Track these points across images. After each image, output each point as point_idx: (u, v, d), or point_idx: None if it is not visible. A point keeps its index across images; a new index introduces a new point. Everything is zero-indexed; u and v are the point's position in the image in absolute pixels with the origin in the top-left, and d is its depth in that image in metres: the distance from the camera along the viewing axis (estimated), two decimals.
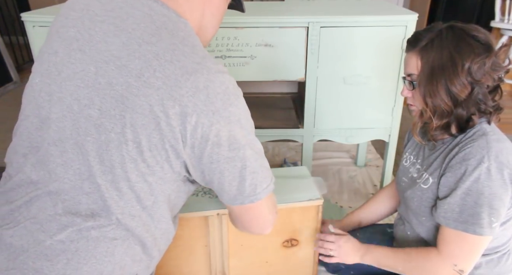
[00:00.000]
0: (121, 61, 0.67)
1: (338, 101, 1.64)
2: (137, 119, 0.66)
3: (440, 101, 0.92)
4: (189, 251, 1.12)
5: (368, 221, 1.31)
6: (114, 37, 0.69)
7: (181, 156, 0.70)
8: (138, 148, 0.67)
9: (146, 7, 0.72)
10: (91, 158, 0.68)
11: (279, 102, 2.10)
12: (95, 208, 0.69)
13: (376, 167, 2.22)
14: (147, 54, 0.67)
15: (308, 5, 1.82)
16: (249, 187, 0.75)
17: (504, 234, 0.98)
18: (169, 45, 0.68)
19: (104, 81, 0.67)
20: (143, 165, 0.68)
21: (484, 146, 0.89)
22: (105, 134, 0.67)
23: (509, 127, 2.59)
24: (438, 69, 0.91)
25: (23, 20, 1.49)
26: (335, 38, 1.54)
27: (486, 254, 0.99)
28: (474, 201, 0.89)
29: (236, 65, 1.57)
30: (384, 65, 1.57)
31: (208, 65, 0.69)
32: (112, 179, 0.68)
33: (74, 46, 0.71)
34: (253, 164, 0.74)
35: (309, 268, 1.24)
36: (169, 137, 0.67)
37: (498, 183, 0.87)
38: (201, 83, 0.67)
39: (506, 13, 3.02)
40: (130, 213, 0.71)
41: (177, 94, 0.66)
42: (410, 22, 1.52)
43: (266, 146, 2.42)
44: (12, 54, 3.67)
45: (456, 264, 0.94)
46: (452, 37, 0.91)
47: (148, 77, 0.66)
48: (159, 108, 0.65)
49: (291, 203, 1.12)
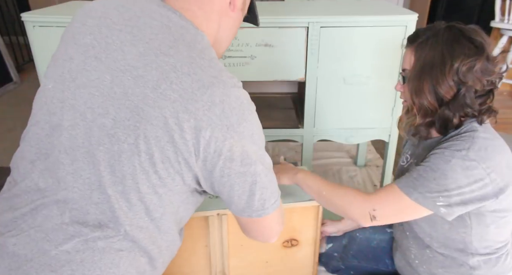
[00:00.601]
0: (137, 71, 0.67)
1: (338, 101, 1.64)
2: (151, 130, 0.65)
3: (424, 99, 0.93)
4: (189, 251, 1.12)
5: None
6: (131, 46, 0.69)
7: (193, 169, 0.70)
8: (150, 159, 0.67)
9: (164, 17, 0.72)
10: (102, 168, 0.67)
11: (279, 102, 2.10)
12: (103, 218, 0.68)
13: (376, 167, 2.22)
14: (164, 65, 0.66)
15: (308, 5, 1.82)
16: (258, 202, 0.75)
17: (499, 233, 0.98)
18: (187, 57, 0.68)
19: (120, 91, 0.67)
20: (155, 176, 0.68)
21: (469, 141, 0.89)
22: (118, 145, 0.66)
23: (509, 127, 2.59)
24: (428, 66, 0.92)
25: (23, 20, 1.49)
26: (335, 38, 1.54)
27: (484, 254, 0.99)
28: (434, 177, 0.89)
29: (236, 65, 1.57)
30: (384, 65, 1.57)
31: (224, 79, 0.69)
32: (123, 190, 0.67)
33: (90, 53, 0.70)
34: (263, 180, 0.74)
35: (309, 268, 1.24)
36: (183, 150, 0.67)
37: (467, 174, 0.87)
38: (217, 97, 0.66)
39: (506, 13, 3.02)
40: (138, 225, 0.70)
41: (193, 107, 0.65)
42: (410, 22, 1.52)
43: (266, 146, 2.42)
44: (12, 54, 3.67)
45: (376, 210, 0.95)
46: (448, 37, 0.92)
47: (165, 89, 0.65)
48: (173, 120, 0.65)
49: (291, 203, 1.12)
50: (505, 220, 0.96)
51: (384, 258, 1.24)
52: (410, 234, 1.09)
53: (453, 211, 0.90)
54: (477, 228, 0.95)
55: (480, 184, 0.87)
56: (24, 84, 3.57)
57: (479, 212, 0.93)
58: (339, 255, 1.29)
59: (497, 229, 0.96)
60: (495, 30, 3.24)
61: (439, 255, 1.03)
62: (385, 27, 1.53)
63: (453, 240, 0.99)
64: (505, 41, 3.08)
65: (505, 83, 3.25)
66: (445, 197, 0.88)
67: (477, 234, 0.96)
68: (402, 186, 0.93)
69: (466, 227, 0.96)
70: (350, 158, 2.33)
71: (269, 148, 2.40)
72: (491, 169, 0.87)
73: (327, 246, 1.31)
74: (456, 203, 0.89)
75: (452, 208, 0.89)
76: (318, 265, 1.27)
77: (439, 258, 1.04)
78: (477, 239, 0.97)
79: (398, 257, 1.18)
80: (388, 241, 1.25)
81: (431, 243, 1.04)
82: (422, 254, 1.07)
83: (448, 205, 0.89)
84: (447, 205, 0.89)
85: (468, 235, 0.97)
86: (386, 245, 1.25)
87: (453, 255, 1.01)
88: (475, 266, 0.99)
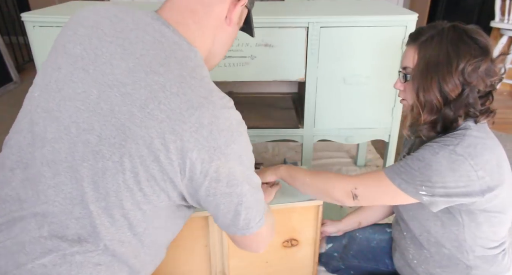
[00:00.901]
0: (125, 88, 0.66)
1: (338, 101, 1.64)
2: (137, 149, 0.65)
3: (433, 96, 0.93)
4: (189, 251, 1.12)
5: (367, 221, 1.32)
6: (121, 60, 0.68)
7: (179, 187, 0.69)
8: (135, 177, 0.66)
9: (157, 32, 0.71)
10: (85, 184, 0.66)
11: (279, 102, 2.10)
12: (83, 233, 0.67)
13: (376, 167, 2.22)
14: (153, 84, 0.66)
15: (308, 5, 1.82)
16: (243, 221, 0.75)
17: (493, 232, 0.98)
18: (177, 76, 0.67)
19: (107, 107, 0.66)
20: (140, 194, 0.67)
21: (459, 137, 0.90)
22: (102, 162, 0.66)
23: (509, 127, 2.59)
24: (433, 65, 0.92)
25: (23, 20, 1.49)
26: (335, 38, 1.54)
27: (480, 253, 0.99)
28: (419, 167, 0.90)
29: (236, 65, 1.57)
30: (384, 65, 1.57)
31: (214, 100, 0.68)
32: (106, 206, 0.67)
33: (78, 64, 0.69)
34: (249, 200, 0.74)
35: (309, 268, 1.24)
36: (168, 170, 0.66)
37: (452, 168, 0.87)
38: (206, 119, 0.66)
39: (506, 13, 3.02)
40: (119, 239, 0.69)
41: (180, 128, 0.64)
42: (410, 22, 1.52)
43: (266, 146, 2.42)
44: (12, 54, 3.67)
45: (357, 188, 0.98)
46: (453, 36, 0.92)
47: (152, 109, 0.64)
48: (160, 141, 0.64)
49: (291, 204, 1.12)
50: (499, 220, 0.96)
51: (384, 258, 1.25)
52: (408, 234, 1.09)
53: (436, 201, 0.91)
54: (469, 226, 0.96)
55: (466, 179, 0.88)
56: (24, 84, 3.57)
57: (469, 210, 0.93)
58: (339, 255, 1.29)
59: (491, 228, 0.97)
60: (495, 30, 3.24)
61: (436, 255, 1.03)
62: (385, 27, 1.53)
63: (447, 238, 0.99)
64: (505, 41, 3.08)
65: (505, 83, 3.25)
66: (428, 187, 0.89)
67: (470, 232, 0.96)
68: (387, 172, 0.96)
69: (458, 225, 0.96)
70: (350, 158, 2.33)
71: (269, 148, 2.41)
72: (479, 167, 0.87)
73: (327, 246, 1.31)
74: (440, 194, 0.89)
75: (435, 198, 0.90)
76: (318, 265, 1.27)
77: (436, 257, 1.04)
78: (471, 237, 0.97)
79: (397, 257, 1.18)
80: (388, 241, 1.25)
81: (427, 242, 1.04)
82: (419, 254, 1.07)
83: (431, 195, 0.90)
84: (430, 195, 0.90)
85: (461, 233, 0.97)
86: (386, 245, 1.25)
87: (449, 254, 1.01)
88: (472, 265, 1.00)
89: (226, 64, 1.57)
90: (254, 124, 1.78)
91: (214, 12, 0.77)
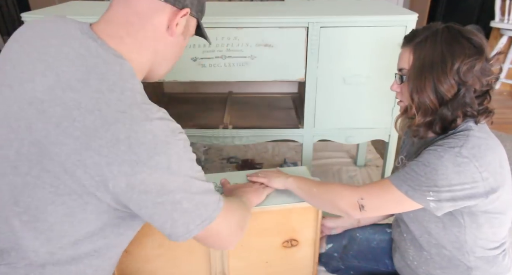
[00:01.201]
0: (42, 106, 0.67)
1: (338, 101, 1.64)
2: (55, 165, 0.66)
3: (426, 97, 0.93)
4: (189, 251, 1.12)
5: (367, 220, 1.32)
6: (43, 77, 0.69)
7: (105, 200, 0.69)
8: (56, 192, 0.67)
9: (82, 47, 0.71)
10: (6, 199, 0.68)
11: (279, 102, 2.10)
12: (5, 247, 0.68)
13: (376, 167, 2.22)
14: (68, 102, 0.66)
15: (308, 5, 1.82)
16: (182, 226, 0.74)
17: (494, 232, 0.97)
18: (94, 92, 0.67)
19: (24, 124, 0.67)
20: (63, 207, 0.68)
21: (463, 139, 0.89)
22: (21, 177, 0.67)
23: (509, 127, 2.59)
24: (428, 66, 0.92)
25: (23, 20, 1.48)
26: (335, 38, 1.53)
27: (480, 254, 0.99)
28: (425, 172, 0.89)
29: (236, 65, 1.57)
30: (384, 65, 1.57)
31: (134, 113, 0.67)
32: (28, 219, 0.68)
33: (6, 82, 0.71)
34: (185, 206, 0.72)
35: (309, 268, 1.24)
36: (87, 184, 0.66)
37: (458, 170, 0.87)
38: (122, 134, 0.65)
39: (506, 13, 3.02)
40: (47, 251, 0.70)
41: (96, 144, 0.65)
42: (410, 22, 1.52)
43: (266, 146, 2.42)
44: None
45: (363, 198, 0.97)
46: (447, 36, 0.92)
47: (67, 127, 0.65)
48: (76, 157, 0.65)
49: (291, 204, 1.12)
50: (500, 221, 0.96)
51: (384, 258, 1.25)
52: (408, 236, 1.09)
53: (442, 206, 0.90)
54: (470, 227, 0.95)
55: (471, 181, 0.87)
56: None
57: (471, 212, 0.93)
58: (339, 255, 1.29)
59: (491, 229, 0.96)
60: (495, 30, 3.24)
61: (436, 256, 1.03)
62: (385, 27, 1.53)
63: (448, 239, 0.99)
64: (505, 41, 3.08)
65: (505, 83, 3.25)
66: (435, 192, 0.89)
67: (471, 234, 0.96)
68: (393, 179, 0.95)
69: (460, 226, 0.96)
70: (350, 158, 2.33)
71: (269, 148, 2.41)
72: (483, 168, 0.87)
73: (327, 246, 1.31)
74: (446, 199, 0.89)
75: (442, 203, 0.90)
76: (318, 265, 1.27)
77: (436, 259, 1.04)
78: (472, 239, 0.97)
79: (397, 258, 1.18)
80: (388, 241, 1.25)
81: (427, 244, 1.04)
82: (420, 256, 1.07)
83: (438, 200, 0.89)
84: (437, 200, 0.90)
85: (462, 234, 0.97)
86: (386, 245, 1.25)
87: (449, 256, 1.01)
88: (472, 266, 1.00)
89: (226, 64, 1.57)
90: (254, 124, 1.78)
91: (152, 24, 0.76)
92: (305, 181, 1.10)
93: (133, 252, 1.08)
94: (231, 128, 1.73)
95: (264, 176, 1.16)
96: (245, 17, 1.52)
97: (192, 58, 1.55)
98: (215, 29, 1.50)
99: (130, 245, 1.06)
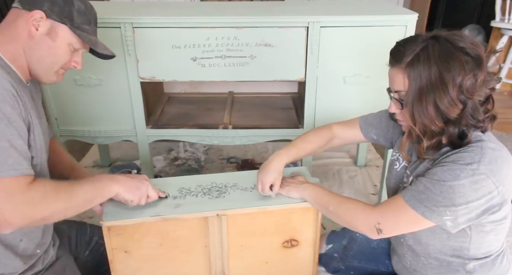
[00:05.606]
0: None
1: (338, 101, 1.64)
2: None
3: (430, 121, 0.88)
4: (189, 252, 1.12)
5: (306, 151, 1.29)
6: None
7: None
8: None
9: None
10: None
11: (279, 102, 2.10)
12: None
13: (376, 167, 2.22)
14: None
15: (308, 5, 1.82)
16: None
17: (496, 238, 0.96)
18: None
19: None
20: None
21: (478, 152, 0.85)
22: None
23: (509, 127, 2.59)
24: (427, 88, 0.86)
25: None
26: (335, 38, 1.53)
27: (480, 258, 0.98)
28: (441, 191, 0.86)
29: (236, 65, 1.57)
30: (384, 65, 1.56)
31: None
32: None
33: None
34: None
35: (309, 268, 1.24)
36: None
37: (475, 188, 0.84)
38: None
39: (507, 13, 3.02)
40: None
41: None
42: (410, 22, 1.52)
43: (266, 146, 2.42)
44: None
45: (380, 223, 0.95)
46: (439, 51, 0.85)
47: None
48: None
49: (291, 204, 1.11)
50: (503, 226, 0.95)
51: (384, 258, 1.24)
52: (404, 241, 1.07)
53: (459, 224, 0.88)
54: (476, 237, 0.94)
55: (488, 197, 0.85)
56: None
57: (479, 223, 0.91)
58: (339, 256, 1.29)
59: (495, 236, 0.95)
60: (496, 30, 3.24)
61: (434, 261, 1.02)
62: (385, 27, 1.53)
63: (450, 246, 0.97)
64: (505, 40, 3.08)
65: (505, 83, 3.25)
66: (452, 211, 0.86)
67: (476, 242, 0.95)
68: (408, 199, 0.90)
69: (465, 237, 0.94)
70: (350, 158, 2.33)
71: (269, 148, 2.40)
72: (500, 182, 0.85)
73: (327, 246, 1.31)
74: (463, 217, 0.87)
75: (458, 221, 0.87)
76: (318, 266, 1.27)
77: (434, 264, 1.02)
78: (476, 247, 0.96)
79: (395, 260, 1.18)
80: (388, 242, 1.25)
81: (425, 251, 1.02)
82: (417, 261, 1.06)
83: (455, 219, 0.87)
84: (454, 219, 0.87)
85: (466, 244, 0.95)
86: (386, 246, 1.25)
87: (448, 261, 1.00)
88: (471, 270, 0.99)
89: (226, 64, 1.57)
90: (254, 124, 1.78)
91: (17, 27, 0.89)
92: (322, 196, 1.08)
93: (133, 252, 1.08)
94: (231, 128, 1.73)
95: (282, 187, 1.14)
96: (245, 17, 1.52)
97: (192, 58, 1.55)
98: (215, 29, 1.50)
99: (130, 245, 1.06)
